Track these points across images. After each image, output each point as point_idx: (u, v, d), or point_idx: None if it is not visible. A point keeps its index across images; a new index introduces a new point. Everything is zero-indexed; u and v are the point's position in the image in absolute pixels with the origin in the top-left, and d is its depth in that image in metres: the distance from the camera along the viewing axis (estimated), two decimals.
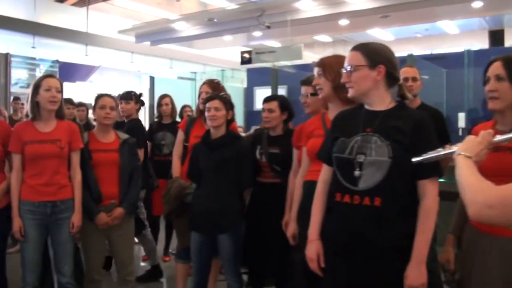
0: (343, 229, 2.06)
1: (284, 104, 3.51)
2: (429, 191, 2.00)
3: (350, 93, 2.15)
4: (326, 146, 2.25)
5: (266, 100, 3.53)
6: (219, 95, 3.39)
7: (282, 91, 9.02)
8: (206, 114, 3.33)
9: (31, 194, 3.11)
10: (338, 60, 2.62)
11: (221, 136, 3.33)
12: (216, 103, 3.30)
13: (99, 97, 3.48)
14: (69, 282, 3.22)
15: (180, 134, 3.91)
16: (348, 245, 2.05)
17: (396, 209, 1.99)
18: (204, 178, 3.32)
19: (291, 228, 2.88)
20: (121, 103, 4.90)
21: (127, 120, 4.89)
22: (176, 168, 3.80)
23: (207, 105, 3.32)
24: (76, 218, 3.19)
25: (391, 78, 2.11)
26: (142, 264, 5.37)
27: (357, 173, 2.01)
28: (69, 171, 3.25)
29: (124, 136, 3.52)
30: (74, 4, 13.63)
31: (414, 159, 1.83)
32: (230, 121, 3.44)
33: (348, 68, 2.11)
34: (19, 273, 3.20)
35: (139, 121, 4.98)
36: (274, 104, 3.47)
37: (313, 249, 2.20)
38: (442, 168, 2.07)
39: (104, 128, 3.46)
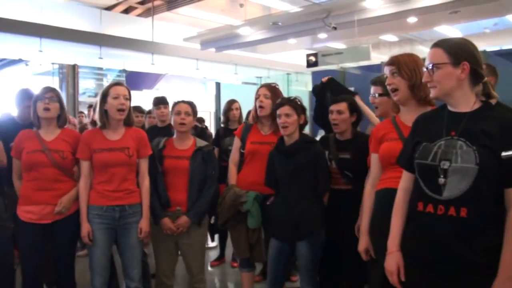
0: (425, 241, 1.92)
1: (353, 106, 3.37)
2: None
3: (433, 93, 1.99)
4: (406, 151, 2.10)
5: (335, 101, 3.39)
6: (289, 100, 3.29)
7: None
8: (278, 121, 3.25)
9: (99, 198, 3.15)
10: (412, 58, 2.50)
11: (294, 142, 3.24)
12: (286, 109, 3.21)
13: (175, 103, 3.49)
14: (137, 287, 3.24)
15: (237, 141, 3.81)
16: (430, 258, 1.91)
17: (483, 220, 1.82)
18: (281, 185, 3.26)
19: (362, 242, 2.69)
20: (159, 108, 4.98)
21: (164, 125, 4.96)
22: (232, 176, 3.70)
23: (278, 112, 3.24)
24: (144, 223, 3.20)
25: (476, 76, 1.93)
26: (210, 269, 5.35)
27: (441, 181, 1.86)
28: (137, 177, 3.28)
29: (201, 143, 3.49)
30: (139, 15, 14.02)
31: (504, 153, 1.70)
32: (303, 125, 3.33)
33: (430, 66, 1.95)
34: (87, 277, 3.26)
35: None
36: (343, 106, 3.32)
37: (393, 261, 2.07)
38: None
39: (181, 134, 3.45)
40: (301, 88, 14.70)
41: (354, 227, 3.01)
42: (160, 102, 5.06)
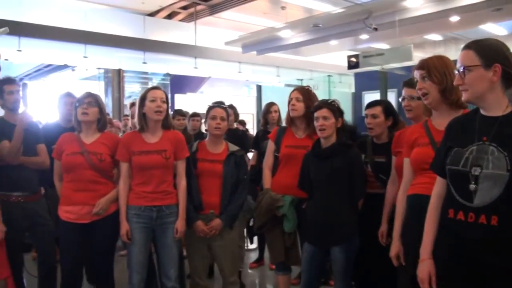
0: (456, 249, 1.88)
1: (389, 109, 3.32)
2: None
3: (464, 97, 1.93)
4: (439, 157, 2.04)
5: (369, 105, 3.36)
6: (326, 103, 3.26)
7: (391, 95, 8.70)
8: (315, 123, 3.23)
9: (137, 199, 3.23)
10: (442, 61, 2.43)
11: (331, 145, 3.20)
12: (324, 111, 3.18)
13: (210, 108, 3.52)
14: (174, 286, 3.29)
15: (271, 145, 3.78)
16: (462, 266, 1.86)
17: None
18: (316, 189, 3.23)
19: (394, 248, 2.64)
20: None
21: None
22: (267, 179, 3.68)
23: (315, 114, 3.22)
24: (180, 224, 3.26)
25: (508, 78, 1.86)
26: (249, 271, 5.38)
27: (472, 187, 1.80)
28: (174, 179, 3.33)
29: (233, 148, 3.52)
30: (182, 20, 14.20)
31: None
32: (341, 128, 3.27)
33: (461, 69, 1.90)
34: (126, 276, 3.33)
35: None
36: (377, 110, 3.29)
37: (425, 269, 2.02)
38: None
39: (215, 138, 3.49)
40: (344, 89, 14.54)
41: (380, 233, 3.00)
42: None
